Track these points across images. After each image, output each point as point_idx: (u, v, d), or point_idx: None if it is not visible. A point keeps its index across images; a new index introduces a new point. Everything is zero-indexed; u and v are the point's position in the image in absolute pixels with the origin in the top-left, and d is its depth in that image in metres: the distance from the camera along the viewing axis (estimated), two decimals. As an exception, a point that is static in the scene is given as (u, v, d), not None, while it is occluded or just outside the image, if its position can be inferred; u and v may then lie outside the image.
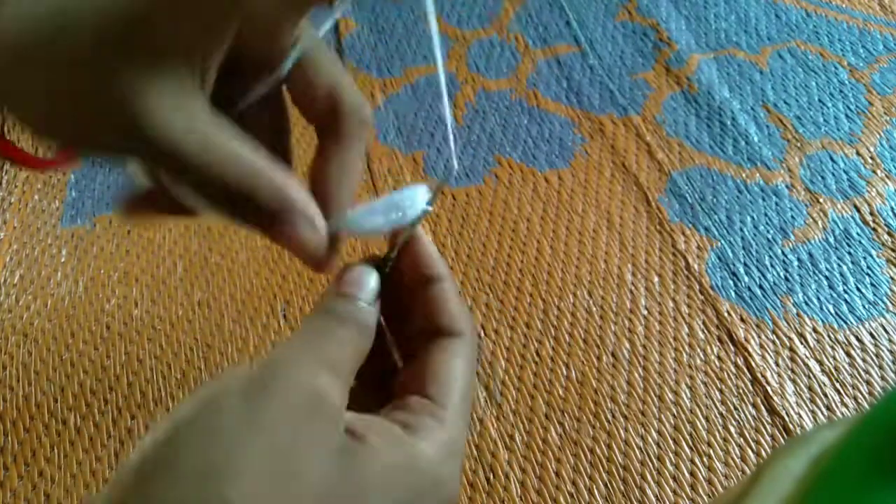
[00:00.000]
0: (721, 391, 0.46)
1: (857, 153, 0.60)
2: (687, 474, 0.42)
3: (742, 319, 0.49)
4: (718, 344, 0.48)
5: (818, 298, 0.51)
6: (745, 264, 0.52)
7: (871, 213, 0.55)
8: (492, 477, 0.43)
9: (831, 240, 0.54)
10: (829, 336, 0.49)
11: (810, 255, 0.53)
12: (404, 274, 0.24)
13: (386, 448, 0.19)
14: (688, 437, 0.44)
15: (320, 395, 0.19)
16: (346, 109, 0.23)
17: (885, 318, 0.49)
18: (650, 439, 0.44)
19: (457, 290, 0.25)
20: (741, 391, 0.46)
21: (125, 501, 0.17)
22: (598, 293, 0.51)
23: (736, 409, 0.45)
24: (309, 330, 0.21)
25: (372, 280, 0.23)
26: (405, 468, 0.19)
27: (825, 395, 0.46)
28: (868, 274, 0.52)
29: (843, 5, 0.74)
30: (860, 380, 0.46)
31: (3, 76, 0.19)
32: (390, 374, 0.25)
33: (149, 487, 0.17)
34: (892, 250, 0.53)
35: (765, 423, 0.44)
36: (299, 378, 0.19)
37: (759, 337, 0.48)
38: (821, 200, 0.56)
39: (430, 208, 0.24)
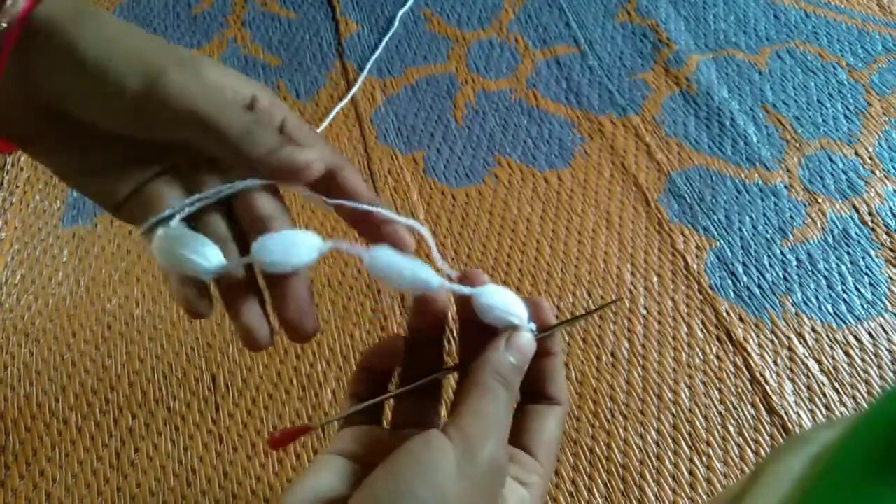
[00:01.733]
0: (720, 391, 0.46)
1: (856, 153, 0.60)
2: (686, 473, 0.43)
3: (741, 319, 0.49)
4: (717, 343, 0.48)
5: (817, 298, 0.51)
6: (744, 264, 0.53)
7: (870, 213, 0.56)
8: (492, 476, 0.43)
9: (830, 240, 0.54)
10: (827, 336, 0.49)
11: (809, 255, 0.53)
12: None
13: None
14: (687, 437, 0.44)
15: (503, 471, 0.24)
16: (337, 166, 0.27)
17: (883, 317, 0.50)
18: (649, 438, 0.44)
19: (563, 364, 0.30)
20: (740, 391, 0.46)
21: None
22: (598, 293, 0.51)
23: (735, 408, 0.45)
24: (486, 394, 0.25)
25: (530, 344, 0.27)
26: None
27: (824, 395, 0.46)
28: (867, 274, 0.52)
29: (842, 6, 0.74)
30: (859, 379, 0.47)
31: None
32: None
33: None
34: (891, 250, 0.53)
35: (764, 422, 0.45)
36: (493, 458, 0.23)
37: (758, 336, 0.49)
38: (819, 200, 0.57)
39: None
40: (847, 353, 0.48)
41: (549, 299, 0.51)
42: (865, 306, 0.50)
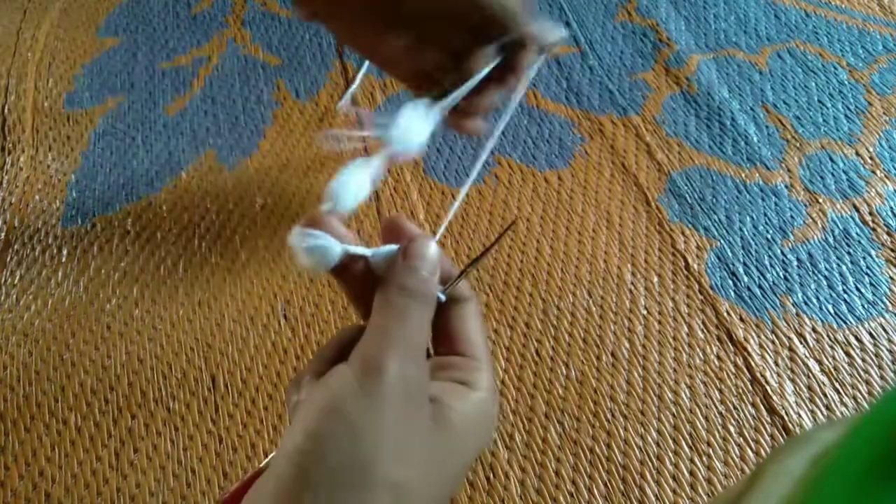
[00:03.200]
0: (720, 391, 0.46)
1: (857, 153, 0.60)
2: (686, 474, 0.42)
3: (741, 319, 0.49)
4: (718, 344, 0.48)
5: (817, 298, 0.51)
6: (745, 264, 0.53)
7: (871, 213, 0.55)
8: (492, 476, 0.43)
9: (830, 240, 0.54)
10: (828, 336, 0.49)
11: (809, 255, 0.53)
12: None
13: (461, 406, 0.24)
14: (687, 437, 0.44)
15: (416, 384, 0.23)
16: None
17: (884, 317, 0.49)
18: (650, 439, 0.44)
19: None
20: (740, 391, 0.46)
21: None
22: (598, 293, 0.51)
23: (735, 408, 0.45)
24: (388, 311, 0.24)
25: (435, 253, 0.26)
26: (478, 416, 0.25)
27: (824, 395, 0.46)
28: (867, 274, 0.52)
29: (843, 6, 0.74)
30: (859, 379, 0.47)
31: None
32: None
33: (313, 493, 0.21)
34: (892, 250, 0.53)
35: (764, 422, 0.45)
36: (399, 374, 0.22)
37: (759, 337, 0.48)
38: (820, 200, 0.57)
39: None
40: (848, 354, 0.48)
41: (549, 299, 0.51)
42: (866, 306, 0.50)
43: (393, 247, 0.27)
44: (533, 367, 0.47)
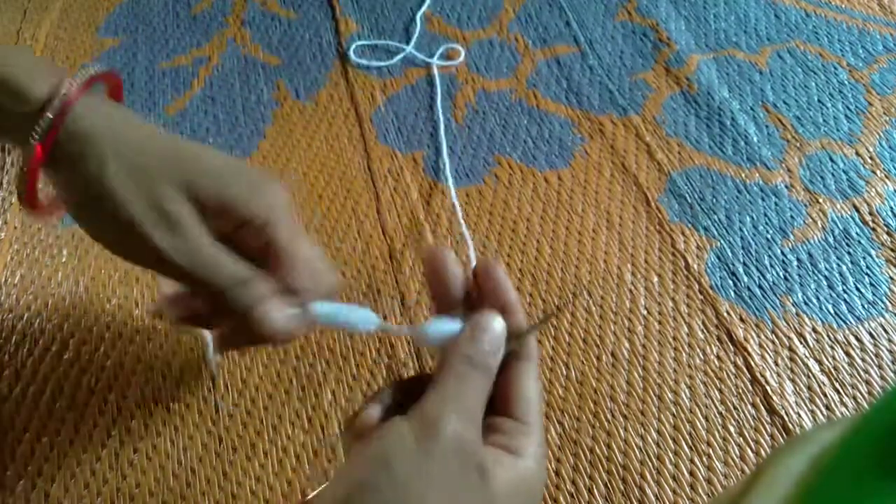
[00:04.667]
0: (720, 391, 0.46)
1: (857, 153, 0.60)
2: (686, 474, 0.42)
3: (741, 319, 0.49)
4: (718, 344, 0.48)
5: (817, 298, 0.51)
6: (745, 264, 0.53)
7: (871, 213, 0.55)
8: (492, 476, 0.43)
9: (830, 240, 0.54)
10: (828, 336, 0.49)
11: (810, 254, 0.53)
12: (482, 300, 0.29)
13: (505, 475, 0.24)
14: (687, 437, 0.44)
15: (470, 447, 0.24)
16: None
17: (884, 317, 0.49)
18: (650, 439, 0.44)
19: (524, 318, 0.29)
20: (740, 391, 0.46)
21: None
22: (598, 293, 0.51)
23: (735, 408, 0.45)
24: (451, 378, 0.26)
25: (503, 330, 0.28)
26: (520, 485, 0.25)
27: (824, 395, 0.46)
28: (867, 274, 0.52)
29: (843, 6, 0.74)
30: (859, 379, 0.47)
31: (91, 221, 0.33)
32: None
33: None
34: (892, 250, 0.53)
35: (764, 422, 0.45)
36: (455, 435, 0.23)
37: (759, 337, 0.48)
38: (820, 200, 0.57)
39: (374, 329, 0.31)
40: (848, 354, 0.48)
41: (550, 299, 0.51)
42: (866, 306, 0.50)
43: (455, 326, 0.28)
44: (533, 367, 0.47)
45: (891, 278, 0.52)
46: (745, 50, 0.70)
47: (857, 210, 0.56)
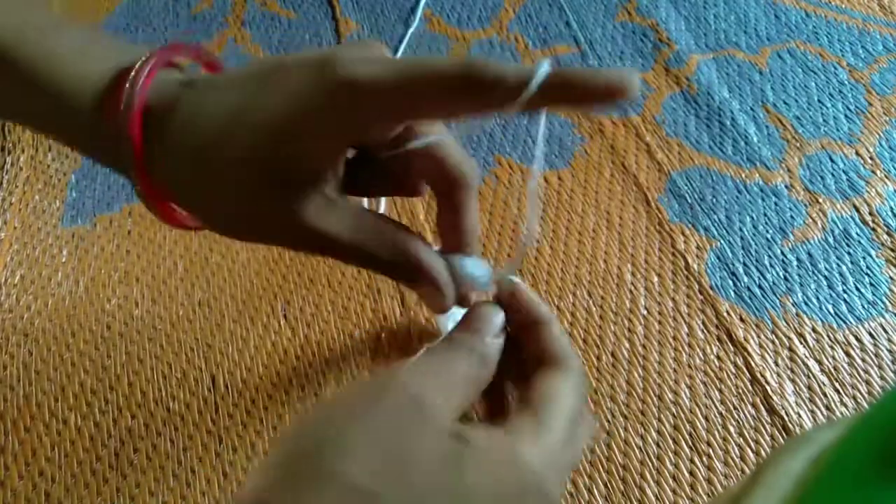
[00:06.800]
0: (720, 391, 0.46)
1: (857, 153, 0.60)
2: (686, 474, 0.43)
3: (741, 319, 0.49)
4: (718, 344, 0.48)
5: (817, 298, 0.51)
6: (745, 264, 0.53)
7: (871, 214, 0.55)
8: (492, 476, 0.43)
9: (830, 240, 0.54)
10: (828, 336, 0.49)
11: (809, 255, 0.53)
12: (513, 319, 0.29)
13: (488, 445, 0.21)
14: (687, 437, 0.44)
15: (423, 402, 0.21)
16: (464, 180, 0.30)
17: (884, 317, 0.49)
18: (650, 439, 0.44)
19: (561, 330, 0.29)
20: (740, 391, 0.46)
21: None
22: (598, 293, 0.51)
23: (735, 408, 0.45)
24: (430, 355, 0.24)
25: (497, 317, 0.27)
26: (506, 465, 0.21)
27: (824, 395, 0.46)
28: (867, 274, 0.52)
29: (843, 6, 0.74)
30: (859, 380, 0.47)
31: (183, 182, 0.27)
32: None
33: (288, 483, 0.19)
34: (892, 250, 0.53)
35: (764, 422, 0.45)
36: (407, 388, 0.21)
37: (759, 337, 0.48)
38: (820, 200, 0.57)
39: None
40: (848, 354, 0.48)
41: (549, 299, 0.51)
42: (866, 306, 0.50)
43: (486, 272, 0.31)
44: (533, 367, 0.47)
45: (891, 278, 0.52)
46: (745, 50, 0.70)
47: (857, 210, 0.56)
